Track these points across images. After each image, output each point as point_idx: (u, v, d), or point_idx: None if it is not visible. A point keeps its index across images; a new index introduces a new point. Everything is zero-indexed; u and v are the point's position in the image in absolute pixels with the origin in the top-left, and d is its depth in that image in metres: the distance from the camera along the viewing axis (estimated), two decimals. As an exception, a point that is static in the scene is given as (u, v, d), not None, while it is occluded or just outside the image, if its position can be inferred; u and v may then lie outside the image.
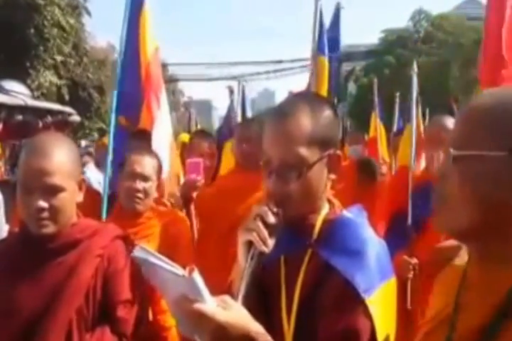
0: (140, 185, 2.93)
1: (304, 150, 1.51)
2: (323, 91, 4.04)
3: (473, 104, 1.17)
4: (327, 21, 4.50)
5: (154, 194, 3.02)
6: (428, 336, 1.25)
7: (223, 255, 2.94)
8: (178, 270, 1.15)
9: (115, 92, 4.00)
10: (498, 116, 1.10)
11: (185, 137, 6.23)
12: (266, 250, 1.42)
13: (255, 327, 1.21)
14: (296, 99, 1.63)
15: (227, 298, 1.21)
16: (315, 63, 4.22)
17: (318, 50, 4.25)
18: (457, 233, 1.18)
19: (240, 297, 1.34)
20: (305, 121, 1.53)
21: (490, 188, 1.09)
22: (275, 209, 1.48)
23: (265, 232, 1.43)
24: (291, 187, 1.52)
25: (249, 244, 1.43)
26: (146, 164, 2.98)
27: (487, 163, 1.09)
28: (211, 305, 1.16)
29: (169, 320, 2.66)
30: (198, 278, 1.13)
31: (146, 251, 1.20)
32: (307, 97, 1.66)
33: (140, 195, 2.93)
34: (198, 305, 1.14)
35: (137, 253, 1.20)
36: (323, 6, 4.26)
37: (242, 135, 3.50)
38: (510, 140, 1.08)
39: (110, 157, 3.87)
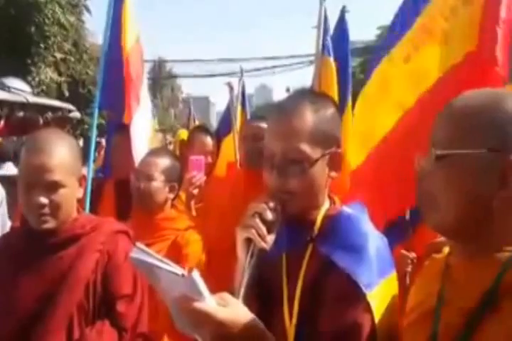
0: (141, 184, 2.95)
1: (306, 146, 1.52)
2: (330, 92, 3.97)
3: (453, 106, 1.24)
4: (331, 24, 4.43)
5: (163, 193, 3.00)
6: (412, 328, 1.28)
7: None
8: (177, 269, 1.14)
9: (99, 86, 4.04)
10: (478, 117, 1.17)
11: (184, 134, 6.21)
12: (265, 247, 1.43)
13: (256, 324, 1.21)
14: (300, 96, 1.64)
15: (226, 295, 1.21)
16: (320, 64, 4.17)
17: (322, 50, 4.20)
18: (444, 229, 1.23)
19: (241, 294, 1.34)
20: (308, 118, 1.54)
21: (473, 185, 1.15)
22: (273, 206, 1.48)
23: (264, 229, 1.44)
24: (293, 182, 1.53)
25: (249, 241, 1.43)
26: (149, 164, 2.98)
27: (469, 161, 1.15)
28: (211, 303, 1.15)
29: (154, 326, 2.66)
30: (197, 276, 1.13)
31: (144, 251, 1.19)
32: (311, 94, 1.67)
33: (139, 193, 2.96)
34: (198, 304, 1.13)
35: (135, 254, 1.19)
36: (327, 4, 4.23)
37: (250, 133, 3.49)
38: (489, 139, 1.14)
39: (93, 150, 3.94)
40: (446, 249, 1.33)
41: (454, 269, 1.24)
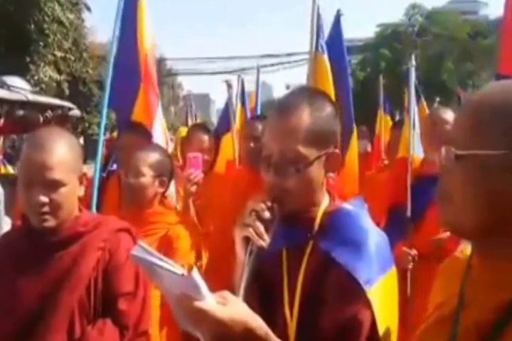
0: (130, 179, 2.98)
1: (303, 147, 1.53)
2: (325, 89, 3.97)
3: (473, 102, 1.18)
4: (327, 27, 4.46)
5: (152, 188, 3.02)
6: (431, 330, 1.25)
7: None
8: (177, 269, 1.15)
9: (107, 85, 4.05)
10: (499, 114, 1.10)
11: (184, 132, 6.22)
12: (263, 245, 1.44)
13: (256, 321, 1.21)
14: (298, 95, 1.64)
15: (226, 293, 1.21)
16: (314, 61, 4.18)
17: (316, 47, 4.22)
18: (462, 230, 1.18)
19: (241, 292, 1.34)
20: (306, 119, 1.54)
21: (494, 186, 1.09)
22: (270, 204, 1.49)
23: (261, 227, 1.44)
24: (289, 181, 1.53)
25: (247, 239, 1.44)
26: (138, 160, 3.01)
27: (490, 161, 1.09)
28: (211, 302, 1.15)
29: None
30: (197, 276, 1.13)
31: (146, 249, 1.19)
32: (309, 93, 1.67)
33: (129, 188, 2.99)
34: (198, 303, 1.13)
35: (136, 252, 1.19)
36: (321, 2, 4.25)
37: (249, 133, 3.50)
38: (508, 137, 1.08)
39: (100, 149, 3.96)
40: (468, 249, 1.27)
41: (474, 270, 1.20)
